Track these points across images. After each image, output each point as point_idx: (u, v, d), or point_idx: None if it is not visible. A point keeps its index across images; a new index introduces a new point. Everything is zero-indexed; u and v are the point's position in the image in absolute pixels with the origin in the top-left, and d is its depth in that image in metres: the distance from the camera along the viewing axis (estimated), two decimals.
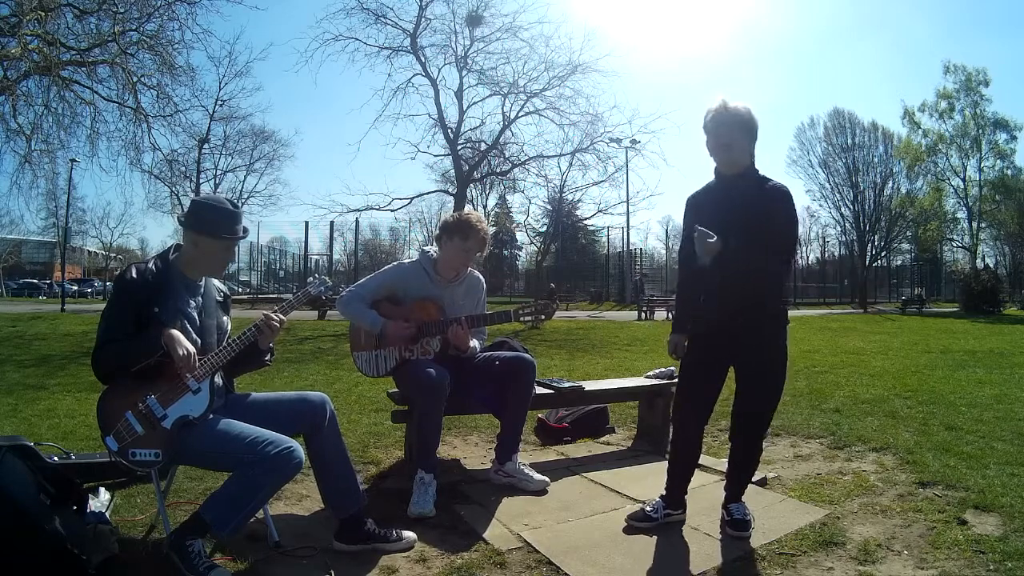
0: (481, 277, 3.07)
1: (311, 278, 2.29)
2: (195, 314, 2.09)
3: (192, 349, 1.93)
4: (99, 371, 1.93)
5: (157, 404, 1.91)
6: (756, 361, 2.31)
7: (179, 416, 1.92)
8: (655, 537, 2.33)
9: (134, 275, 2.00)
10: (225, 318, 2.22)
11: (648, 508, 2.44)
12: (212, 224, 2.07)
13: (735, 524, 2.34)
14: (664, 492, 2.47)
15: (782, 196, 2.22)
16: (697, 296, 2.42)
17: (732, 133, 2.23)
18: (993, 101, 30.01)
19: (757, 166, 2.32)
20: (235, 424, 1.99)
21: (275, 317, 2.10)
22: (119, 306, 1.98)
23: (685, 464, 2.48)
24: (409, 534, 2.23)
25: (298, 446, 1.96)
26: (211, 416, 2.00)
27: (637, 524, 2.39)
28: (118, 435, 1.89)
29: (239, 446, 1.91)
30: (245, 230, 2.15)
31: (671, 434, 2.66)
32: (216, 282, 2.24)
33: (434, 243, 2.94)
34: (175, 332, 1.93)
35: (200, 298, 2.13)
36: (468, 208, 14.83)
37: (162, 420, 1.91)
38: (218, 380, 2.14)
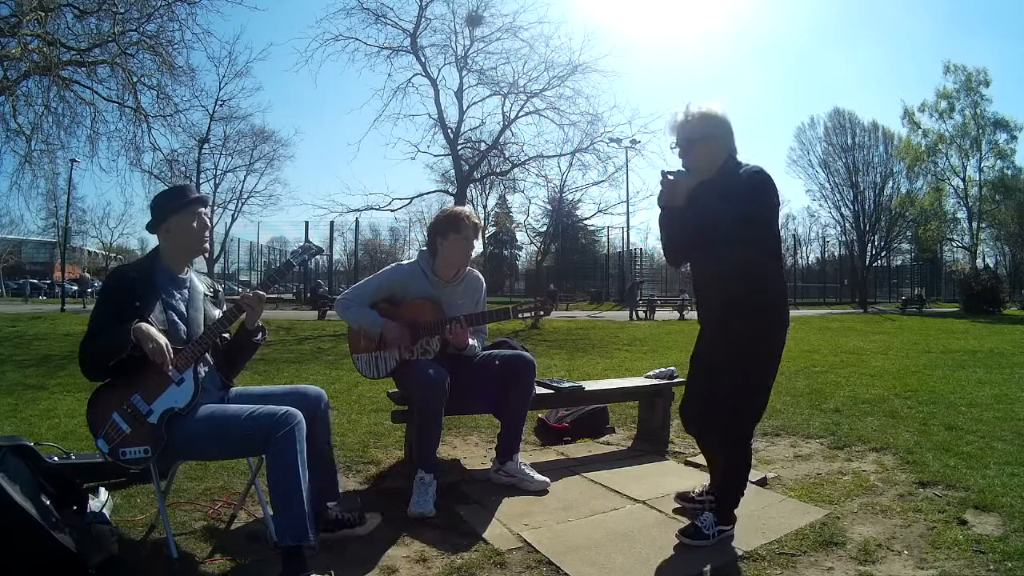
0: (481, 276, 3.06)
1: (296, 247, 2.26)
2: (182, 306, 2.10)
3: (163, 340, 1.91)
4: (83, 369, 1.95)
5: (142, 401, 1.93)
6: (710, 356, 2.35)
7: (164, 409, 1.93)
8: (655, 537, 2.33)
9: (115, 274, 2.08)
10: (217, 312, 2.22)
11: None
12: (166, 205, 2.11)
13: (684, 529, 2.25)
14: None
15: (748, 176, 2.19)
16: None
17: (683, 150, 2.34)
18: (993, 101, 30.21)
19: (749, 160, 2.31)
20: (229, 407, 2.03)
21: (249, 294, 2.13)
22: (101, 305, 2.02)
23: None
24: (372, 515, 2.32)
25: (291, 408, 1.97)
26: (209, 406, 2.01)
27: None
28: (107, 436, 1.92)
29: (238, 424, 1.93)
30: (203, 198, 2.19)
31: None
32: (205, 278, 2.27)
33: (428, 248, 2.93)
34: (144, 325, 1.91)
35: (186, 291, 2.15)
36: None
37: (148, 416, 1.92)
38: (218, 376, 2.15)
